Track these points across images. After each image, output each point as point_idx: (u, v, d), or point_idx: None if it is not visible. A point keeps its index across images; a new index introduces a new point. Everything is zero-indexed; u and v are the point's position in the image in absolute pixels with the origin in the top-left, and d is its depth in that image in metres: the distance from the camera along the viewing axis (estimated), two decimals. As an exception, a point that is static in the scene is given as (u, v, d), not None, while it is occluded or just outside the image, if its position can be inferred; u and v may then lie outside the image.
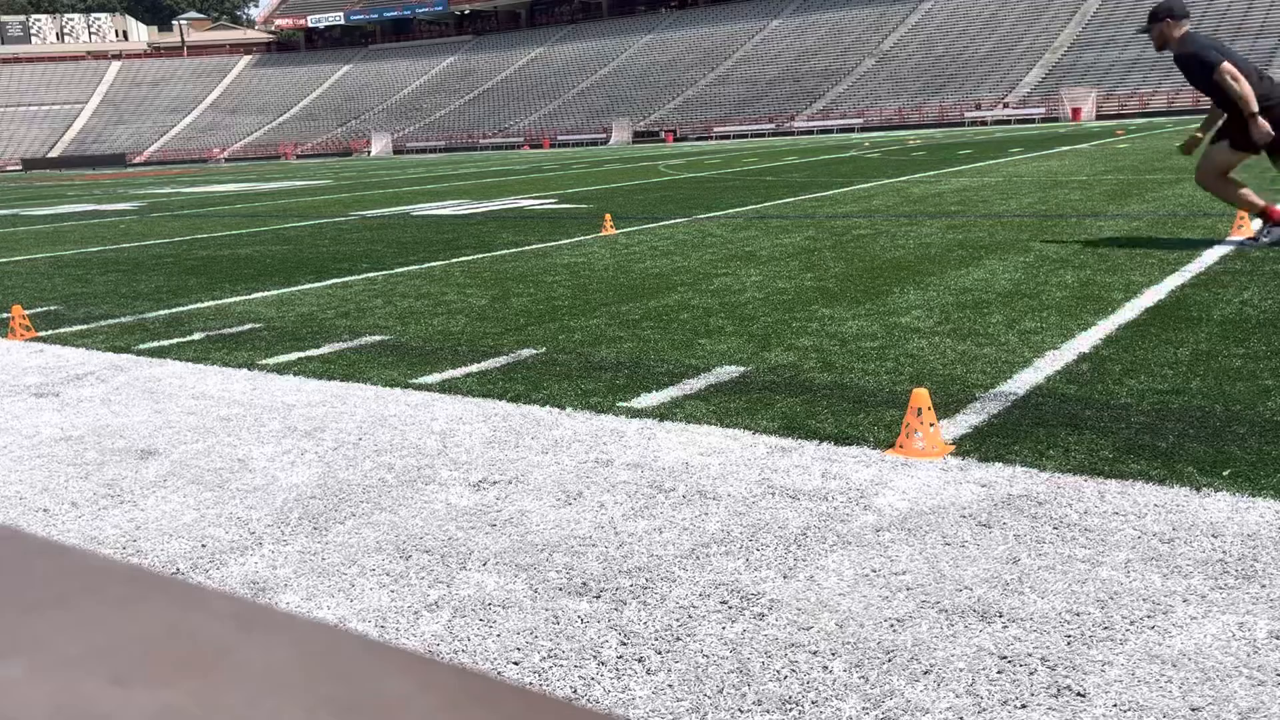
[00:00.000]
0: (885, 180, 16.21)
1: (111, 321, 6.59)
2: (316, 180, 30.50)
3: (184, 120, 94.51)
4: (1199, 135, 7.48)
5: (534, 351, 5.01)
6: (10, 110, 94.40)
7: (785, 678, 1.98)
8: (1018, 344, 4.60)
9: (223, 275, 8.63)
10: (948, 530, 2.64)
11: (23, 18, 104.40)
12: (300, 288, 7.65)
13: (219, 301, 7.20)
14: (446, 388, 4.41)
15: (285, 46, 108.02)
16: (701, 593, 2.36)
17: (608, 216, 11.10)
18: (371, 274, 8.22)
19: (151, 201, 22.37)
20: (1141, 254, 7.01)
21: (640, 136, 67.54)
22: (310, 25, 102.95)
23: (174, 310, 6.90)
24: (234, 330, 6.02)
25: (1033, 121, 55.49)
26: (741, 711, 1.88)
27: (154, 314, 6.79)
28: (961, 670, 1.97)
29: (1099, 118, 54.63)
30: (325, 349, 5.35)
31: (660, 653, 2.10)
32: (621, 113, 73.03)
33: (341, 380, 4.65)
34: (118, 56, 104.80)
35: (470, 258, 8.97)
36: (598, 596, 2.37)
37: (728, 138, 62.84)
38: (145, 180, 39.98)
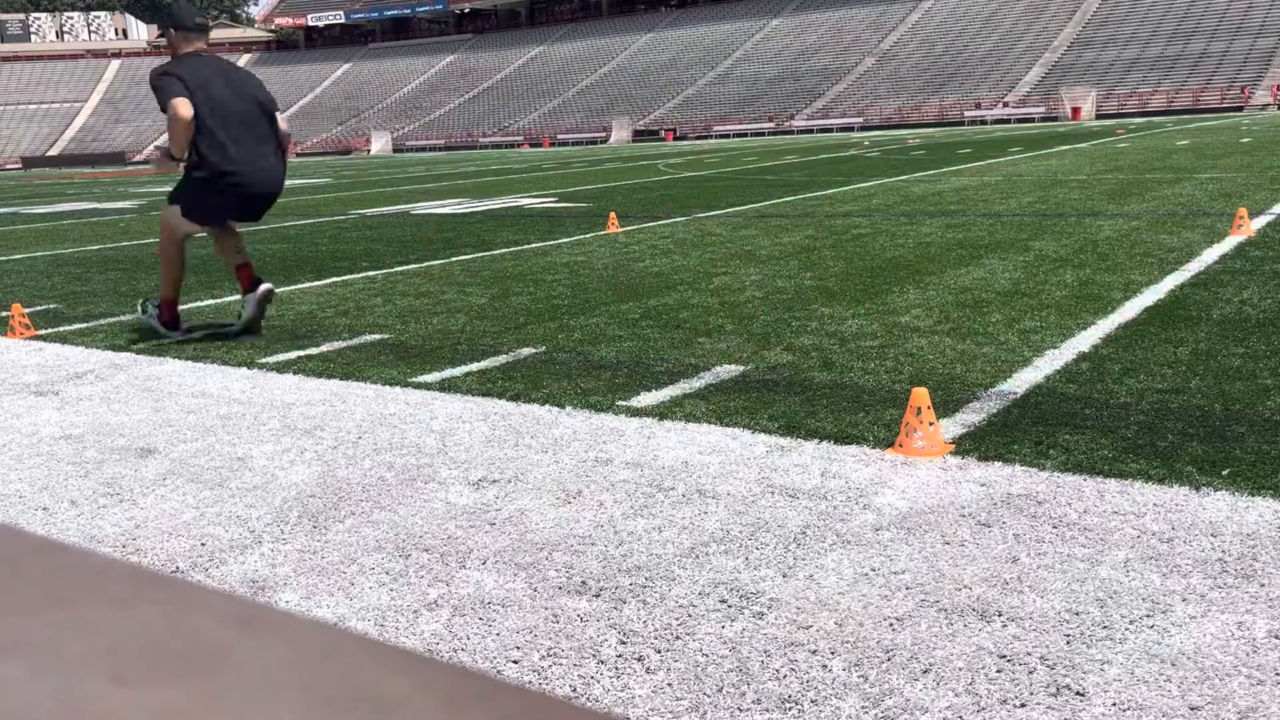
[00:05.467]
0: (885, 179, 16.21)
1: (111, 320, 6.59)
2: (316, 179, 30.50)
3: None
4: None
5: (533, 350, 5.01)
6: (10, 109, 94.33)
7: (784, 677, 1.98)
8: (1017, 343, 4.60)
9: (222, 274, 8.62)
10: (947, 529, 2.64)
11: (22, 16, 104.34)
12: (300, 286, 7.65)
13: (218, 300, 7.19)
14: (446, 386, 4.41)
15: (285, 45, 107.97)
16: (701, 592, 2.36)
17: (612, 215, 11.10)
18: (371, 272, 8.22)
19: (151, 200, 22.36)
20: (1141, 253, 7.01)
21: (640, 135, 67.54)
22: (310, 24, 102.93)
23: (173, 309, 6.89)
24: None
25: (1032, 121, 55.48)
26: (741, 710, 1.88)
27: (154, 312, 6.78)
28: (961, 669, 1.97)
29: (1099, 117, 54.63)
30: (324, 347, 5.35)
31: (660, 651, 2.10)
32: (621, 111, 73.01)
33: (341, 379, 4.65)
34: (117, 55, 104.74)
35: (470, 256, 8.96)
36: (597, 595, 2.37)
37: (727, 136, 62.84)
38: (145, 179, 39.97)
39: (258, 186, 5.54)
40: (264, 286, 5.72)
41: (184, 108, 5.23)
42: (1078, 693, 1.88)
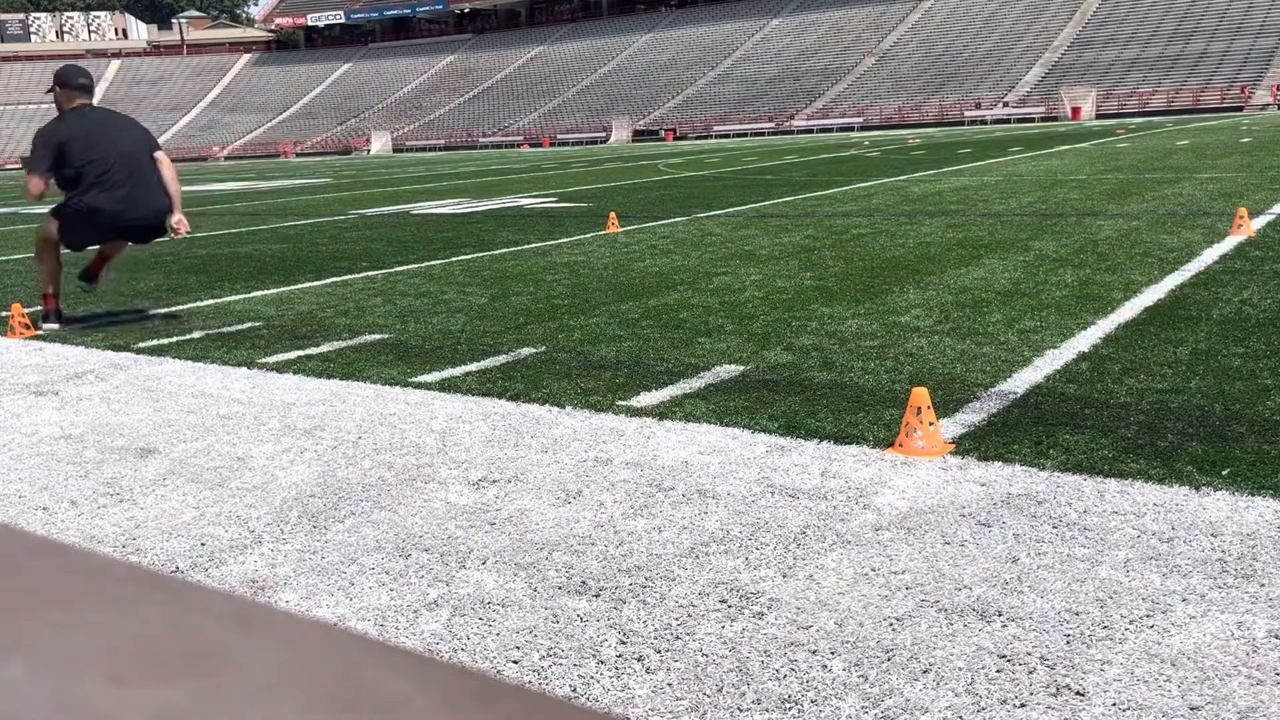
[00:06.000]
0: (885, 179, 16.21)
1: (111, 320, 6.59)
2: (316, 179, 30.50)
3: (184, 119, 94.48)
4: None
5: (533, 350, 5.01)
6: (10, 108, 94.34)
7: (784, 677, 1.98)
8: (1017, 343, 4.60)
9: (222, 274, 8.63)
10: (947, 529, 2.64)
11: (22, 16, 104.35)
12: (300, 286, 7.65)
13: (218, 300, 7.20)
14: (446, 386, 4.41)
15: (285, 45, 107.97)
16: (701, 591, 2.36)
17: (612, 214, 11.10)
18: (371, 272, 8.22)
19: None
20: (1141, 253, 7.01)
21: (640, 135, 67.54)
22: (310, 24, 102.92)
23: (173, 309, 6.90)
24: (233, 329, 6.02)
25: (1032, 120, 55.47)
26: (741, 710, 1.88)
27: (153, 312, 6.79)
28: (961, 669, 1.97)
29: (1098, 117, 54.62)
30: (325, 347, 5.35)
31: (660, 651, 2.10)
32: (621, 111, 73.02)
33: (341, 379, 4.65)
34: (117, 55, 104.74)
35: (470, 256, 8.96)
36: (597, 595, 2.37)
37: (727, 136, 62.83)
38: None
39: (137, 219, 6.29)
40: (109, 278, 6.90)
41: (34, 187, 6.08)
42: (1078, 693, 1.88)
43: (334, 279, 7.95)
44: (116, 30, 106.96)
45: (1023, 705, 1.84)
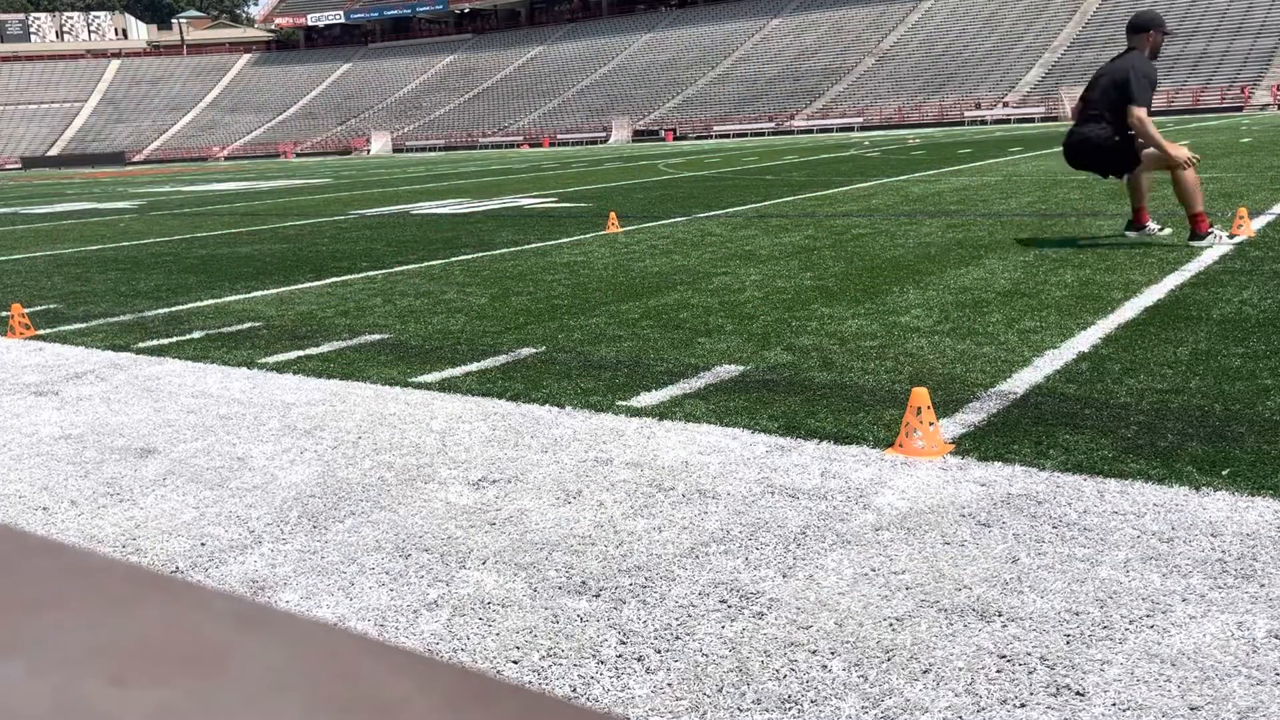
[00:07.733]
0: (885, 179, 16.21)
1: (111, 320, 6.59)
2: (316, 179, 30.49)
3: (183, 119, 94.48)
4: None
5: (533, 350, 5.01)
6: (10, 108, 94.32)
7: (784, 677, 1.98)
8: (1017, 343, 4.60)
9: (222, 274, 8.63)
10: (947, 529, 2.64)
11: (22, 16, 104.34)
12: (300, 286, 7.65)
13: (218, 300, 7.20)
14: (446, 386, 4.41)
15: (285, 45, 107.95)
16: (701, 591, 2.36)
17: (612, 214, 11.10)
18: (371, 273, 8.22)
19: (151, 200, 22.37)
20: (1141, 253, 7.01)
21: (640, 135, 67.53)
22: (310, 24, 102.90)
23: (173, 309, 6.89)
24: (233, 329, 6.02)
25: (1032, 120, 55.46)
26: (741, 710, 1.88)
27: (153, 312, 6.79)
28: (961, 669, 1.97)
29: (1099, 117, 54.48)
30: (325, 347, 5.35)
31: (660, 651, 2.10)
32: (621, 111, 73.02)
33: (341, 379, 4.65)
34: (117, 55, 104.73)
35: (470, 256, 8.96)
36: (597, 595, 2.37)
37: (727, 136, 62.81)
38: (144, 179, 39.97)
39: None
40: (1147, 228, 7.74)
41: (1144, 113, 7.12)
42: (1078, 693, 1.88)
43: (334, 279, 7.95)
44: (116, 30, 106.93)
45: (1023, 705, 1.84)
